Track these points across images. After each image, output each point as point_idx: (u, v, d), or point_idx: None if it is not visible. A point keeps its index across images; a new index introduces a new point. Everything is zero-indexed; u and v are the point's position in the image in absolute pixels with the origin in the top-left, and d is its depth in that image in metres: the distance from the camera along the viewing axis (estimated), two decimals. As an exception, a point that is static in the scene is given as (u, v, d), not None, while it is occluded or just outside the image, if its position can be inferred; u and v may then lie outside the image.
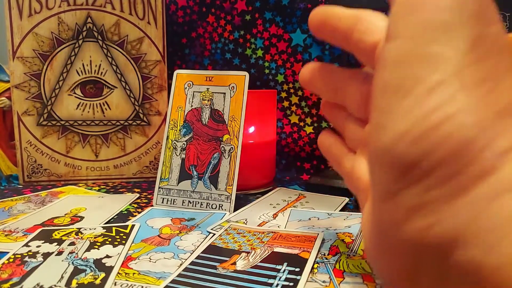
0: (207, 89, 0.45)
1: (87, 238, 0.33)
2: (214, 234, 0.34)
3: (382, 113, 0.15)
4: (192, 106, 0.45)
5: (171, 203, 0.43)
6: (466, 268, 0.13)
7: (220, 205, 0.42)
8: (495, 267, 0.12)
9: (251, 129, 0.49)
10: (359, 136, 0.23)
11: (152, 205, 0.43)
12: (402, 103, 0.14)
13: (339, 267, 0.28)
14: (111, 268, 0.28)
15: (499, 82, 0.14)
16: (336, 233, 0.34)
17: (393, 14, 0.16)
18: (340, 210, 0.41)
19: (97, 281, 0.26)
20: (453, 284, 0.14)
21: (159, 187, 0.44)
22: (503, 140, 0.13)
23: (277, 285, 0.25)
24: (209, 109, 0.44)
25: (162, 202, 0.43)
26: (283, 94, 0.59)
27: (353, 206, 0.43)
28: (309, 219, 0.38)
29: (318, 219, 0.38)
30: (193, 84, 0.45)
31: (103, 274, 0.27)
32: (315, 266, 0.28)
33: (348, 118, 0.24)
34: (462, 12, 0.14)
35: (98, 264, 0.29)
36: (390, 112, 0.15)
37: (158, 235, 0.35)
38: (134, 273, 0.27)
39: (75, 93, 0.53)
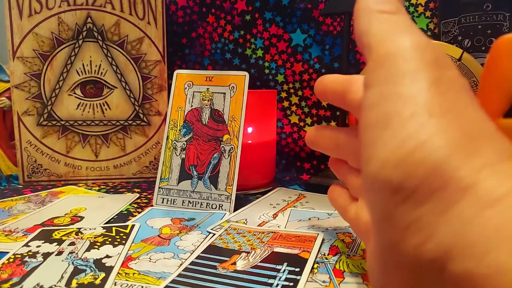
0: (207, 89, 0.45)
1: (87, 238, 0.33)
2: (214, 234, 0.34)
3: (368, 147, 0.18)
4: (192, 106, 0.45)
5: (171, 203, 0.43)
6: (461, 279, 0.14)
7: (220, 205, 0.42)
8: (486, 277, 0.13)
9: (251, 129, 0.49)
10: (358, 184, 0.27)
11: (152, 205, 0.43)
12: (383, 135, 0.17)
13: (339, 267, 0.28)
14: (111, 268, 0.28)
15: (463, 110, 0.16)
16: (336, 233, 0.34)
17: (368, 68, 0.19)
18: (340, 210, 0.41)
19: (97, 281, 0.26)
20: None
21: (159, 187, 0.44)
22: (476, 159, 0.15)
23: (277, 285, 0.25)
24: (209, 109, 0.44)
25: (162, 202, 0.43)
26: (283, 94, 0.59)
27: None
28: (309, 219, 0.38)
29: (318, 219, 0.38)
30: (193, 84, 0.45)
31: (103, 274, 0.27)
32: (315, 266, 0.28)
33: (350, 170, 0.28)
34: (422, 61, 0.17)
35: (98, 264, 0.29)
36: (374, 144, 0.17)
37: (158, 235, 0.35)
38: (134, 273, 0.27)
39: (75, 93, 0.53)
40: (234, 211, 0.41)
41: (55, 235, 0.34)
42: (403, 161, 0.16)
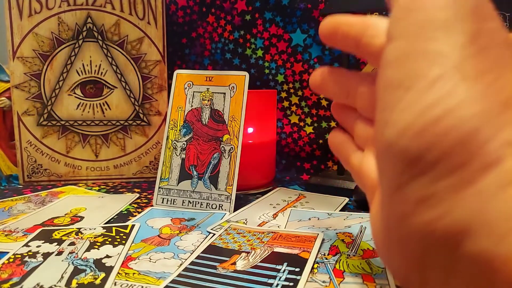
0: (207, 89, 0.45)
1: (87, 238, 0.33)
2: (214, 234, 0.34)
3: (385, 109, 0.16)
4: (192, 106, 0.45)
5: (171, 203, 0.43)
6: (477, 259, 0.13)
7: (220, 205, 0.42)
8: (506, 258, 0.12)
9: (251, 129, 0.49)
10: (368, 134, 0.24)
11: (152, 205, 0.43)
12: (404, 98, 0.15)
13: (339, 267, 0.28)
14: (111, 268, 0.28)
15: (501, 74, 0.14)
16: (336, 233, 0.34)
17: (393, 16, 0.17)
18: (340, 210, 0.41)
19: (97, 281, 0.26)
20: (462, 275, 0.14)
21: (159, 187, 0.44)
22: (508, 132, 0.13)
23: (277, 285, 0.25)
24: (209, 109, 0.44)
25: (162, 202, 0.43)
26: (283, 94, 0.59)
27: (353, 206, 0.43)
28: (309, 219, 0.38)
29: (318, 219, 0.38)
30: (193, 84, 0.45)
31: (103, 274, 0.27)
32: (315, 266, 0.28)
33: (358, 118, 0.25)
34: (459, 9, 0.15)
35: (98, 264, 0.29)
36: (393, 107, 0.15)
37: (158, 235, 0.35)
38: (134, 273, 0.27)
39: (75, 93, 0.53)
40: (234, 211, 0.41)
41: (55, 235, 0.34)
42: (426, 129, 0.14)
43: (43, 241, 0.32)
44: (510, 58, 0.15)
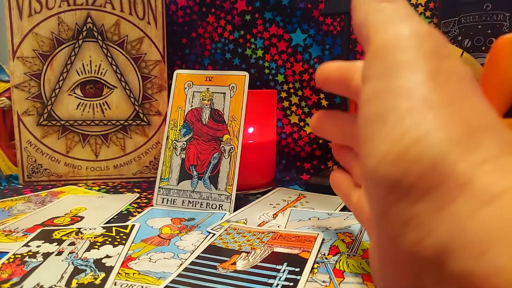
0: (207, 89, 0.45)
1: (87, 238, 0.33)
2: (214, 234, 0.34)
3: (366, 142, 0.17)
4: (192, 106, 0.45)
5: (171, 203, 0.43)
6: (460, 277, 0.13)
7: (220, 205, 0.42)
8: (485, 276, 0.13)
9: (251, 129, 0.49)
10: None
11: (152, 205, 0.43)
12: (380, 130, 0.16)
13: (339, 267, 0.28)
14: (111, 268, 0.28)
15: (464, 102, 0.16)
16: (336, 233, 0.34)
17: (366, 61, 0.19)
18: (340, 210, 0.41)
19: (97, 281, 0.26)
20: None
21: (159, 187, 0.44)
22: (475, 154, 0.14)
23: (277, 285, 0.25)
24: (209, 109, 0.44)
25: (162, 202, 0.43)
26: (283, 94, 0.59)
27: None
28: (309, 219, 0.38)
29: (318, 219, 0.38)
30: (193, 84, 0.45)
31: (103, 274, 0.27)
32: (315, 266, 0.28)
33: (355, 157, 0.27)
34: (419, 51, 0.17)
35: (98, 264, 0.29)
36: (372, 139, 0.17)
37: (158, 235, 0.35)
38: (134, 273, 0.27)
39: (75, 93, 0.53)
40: (234, 211, 0.41)
41: (55, 235, 0.34)
42: (400, 157, 0.15)
43: (43, 241, 0.32)
44: (469, 90, 0.16)
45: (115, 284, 0.26)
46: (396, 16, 0.18)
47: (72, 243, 0.32)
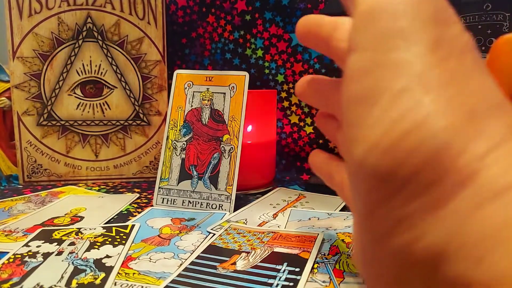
0: (207, 89, 0.45)
1: (87, 238, 0.33)
2: (214, 234, 0.34)
3: (352, 126, 0.15)
4: (192, 106, 0.45)
5: (171, 203, 0.43)
6: (455, 284, 0.12)
7: (220, 205, 0.42)
8: (485, 283, 0.11)
9: (251, 129, 0.49)
10: None
11: (152, 205, 0.43)
12: (370, 114, 0.14)
13: (339, 267, 0.28)
14: (111, 268, 0.28)
15: (465, 83, 0.14)
16: (336, 233, 0.34)
17: (353, 27, 0.16)
18: (340, 210, 0.41)
19: (97, 281, 0.26)
20: None
21: (159, 187, 0.44)
22: (479, 143, 0.13)
23: (277, 285, 0.25)
24: (209, 109, 0.44)
25: (162, 202, 0.43)
26: (283, 94, 0.59)
27: (353, 206, 0.43)
28: (309, 219, 0.38)
29: (318, 219, 0.38)
30: (193, 84, 0.45)
31: (103, 274, 0.27)
32: (315, 266, 0.28)
33: (340, 127, 0.24)
34: (418, 16, 0.14)
35: (98, 264, 0.29)
36: (359, 124, 0.14)
37: (158, 235, 0.35)
38: (134, 273, 0.27)
39: (75, 93, 0.53)
40: (234, 211, 0.41)
41: (55, 235, 0.34)
42: (395, 146, 0.13)
43: (43, 241, 0.32)
44: (471, 66, 0.14)
45: (115, 284, 0.26)
46: None
47: (72, 243, 0.32)
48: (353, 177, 0.15)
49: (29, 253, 0.30)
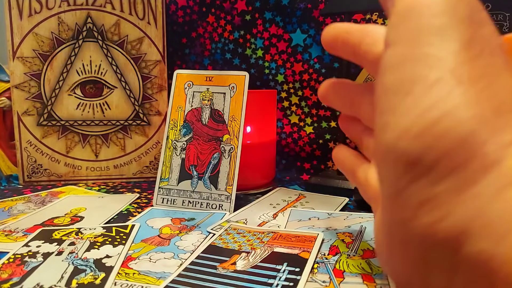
0: (207, 89, 0.45)
1: (87, 238, 0.33)
2: (214, 234, 0.34)
3: (385, 113, 0.16)
4: (192, 106, 0.45)
5: (171, 203, 0.43)
6: (476, 261, 0.13)
7: (220, 205, 0.42)
8: (505, 259, 0.12)
9: (251, 129, 0.49)
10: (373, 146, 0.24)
11: (152, 205, 0.43)
12: (403, 102, 0.15)
13: (339, 267, 0.28)
14: (111, 268, 0.28)
15: (495, 79, 0.15)
16: (336, 233, 0.34)
17: (391, 23, 0.17)
18: (340, 210, 0.41)
19: (97, 281, 0.26)
20: (464, 278, 0.14)
21: (159, 187, 0.44)
22: (504, 134, 0.14)
23: (277, 285, 0.25)
24: (209, 109, 0.44)
25: (162, 202, 0.43)
26: (283, 94, 0.59)
27: (353, 206, 0.43)
28: (309, 219, 0.38)
29: (318, 219, 0.38)
30: (193, 84, 0.45)
31: (103, 274, 0.27)
32: (315, 266, 0.28)
33: (364, 130, 0.26)
34: (454, 16, 0.15)
35: (98, 264, 0.29)
36: (392, 111, 0.16)
37: (158, 235, 0.35)
38: (134, 273, 0.27)
39: (75, 93, 0.53)
40: (234, 211, 0.41)
41: (55, 235, 0.34)
42: (425, 132, 0.14)
43: (43, 241, 0.32)
44: (501, 65, 0.15)
45: (115, 284, 0.26)
46: None
47: (72, 243, 0.32)
48: (382, 161, 0.16)
49: (29, 253, 0.30)
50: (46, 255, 0.30)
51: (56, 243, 0.32)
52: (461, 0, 0.16)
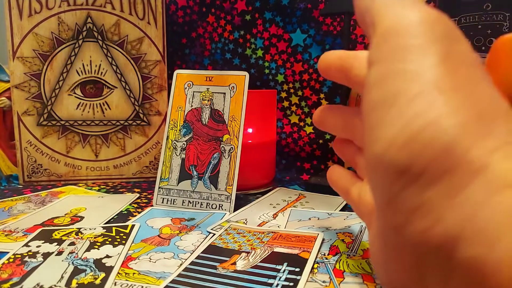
0: (207, 89, 0.45)
1: (87, 238, 0.33)
2: (214, 234, 0.34)
3: (373, 127, 0.17)
4: (192, 106, 0.45)
5: (171, 203, 0.43)
6: (470, 266, 0.13)
7: (220, 205, 0.42)
8: (497, 264, 0.12)
9: (251, 129, 0.49)
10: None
11: (152, 205, 0.43)
12: (388, 114, 0.16)
13: (339, 267, 0.28)
14: (111, 268, 0.28)
15: (475, 89, 0.15)
16: (336, 233, 0.34)
17: (373, 43, 0.18)
18: (340, 210, 0.41)
19: (97, 281, 0.26)
20: (459, 284, 0.14)
21: (159, 187, 0.44)
22: (489, 139, 0.14)
23: (277, 285, 0.25)
24: (209, 109, 0.44)
25: (162, 202, 0.43)
26: (283, 94, 0.59)
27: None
28: (309, 219, 0.38)
29: (318, 219, 0.38)
30: (193, 84, 0.45)
31: (103, 274, 0.27)
32: (315, 266, 0.28)
33: (357, 151, 0.27)
34: (431, 35, 0.16)
35: (98, 264, 0.29)
36: (379, 124, 0.16)
37: (158, 235, 0.35)
38: (134, 273, 0.27)
39: (75, 93, 0.53)
40: (234, 211, 0.41)
41: (55, 235, 0.34)
42: (411, 141, 0.15)
43: (43, 241, 0.32)
44: (480, 75, 0.16)
45: (115, 284, 0.26)
46: (403, 0, 0.18)
47: (72, 243, 0.32)
48: (373, 173, 0.17)
49: (29, 253, 0.30)
50: (46, 255, 0.30)
51: (56, 243, 0.32)
52: (436, 22, 0.17)
